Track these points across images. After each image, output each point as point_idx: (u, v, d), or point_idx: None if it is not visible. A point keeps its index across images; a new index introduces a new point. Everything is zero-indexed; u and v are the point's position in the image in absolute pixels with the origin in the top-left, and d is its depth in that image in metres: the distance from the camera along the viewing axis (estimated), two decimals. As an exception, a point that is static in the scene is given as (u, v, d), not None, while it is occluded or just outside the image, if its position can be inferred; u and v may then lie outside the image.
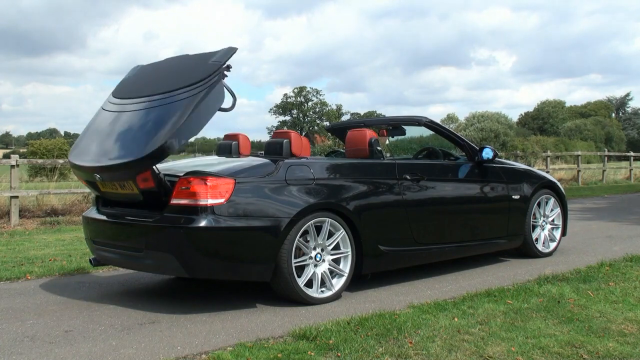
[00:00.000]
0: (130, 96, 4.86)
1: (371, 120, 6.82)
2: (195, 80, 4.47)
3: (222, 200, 4.27)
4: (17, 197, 10.12)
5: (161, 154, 4.23)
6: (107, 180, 4.60)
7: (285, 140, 5.01)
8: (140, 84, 5.01)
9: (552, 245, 6.60)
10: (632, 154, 24.67)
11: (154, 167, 4.35)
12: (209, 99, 4.38)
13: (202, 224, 4.21)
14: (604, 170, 22.33)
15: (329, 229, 4.71)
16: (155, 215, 4.44)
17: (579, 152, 22.62)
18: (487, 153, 5.91)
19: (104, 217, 4.90)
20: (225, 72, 4.58)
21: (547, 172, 18.08)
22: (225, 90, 4.63)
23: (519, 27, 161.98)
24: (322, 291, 4.67)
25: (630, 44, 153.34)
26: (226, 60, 4.59)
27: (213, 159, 5.44)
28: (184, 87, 4.48)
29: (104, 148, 4.62)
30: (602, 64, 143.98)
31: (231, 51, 4.67)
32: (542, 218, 6.52)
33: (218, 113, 4.91)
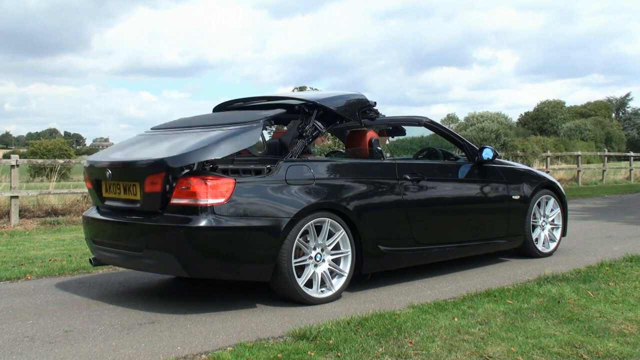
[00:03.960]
0: (168, 127, 5.31)
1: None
2: (234, 122, 4.77)
3: (222, 200, 4.27)
4: (17, 197, 10.11)
5: (185, 159, 4.30)
6: (116, 179, 4.66)
7: (285, 140, 5.01)
8: (182, 123, 5.36)
9: (552, 245, 6.60)
10: (632, 154, 24.66)
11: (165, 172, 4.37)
12: (242, 136, 4.54)
13: (202, 223, 4.21)
14: (603, 171, 22.31)
15: (329, 229, 4.71)
16: (155, 215, 4.45)
17: (579, 152, 22.60)
18: (487, 153, 5.91)
19: (104, 217, 4.91)
20: (267, 127, 4.87)
21: (547, 172, 18.07)
22: (260, 138, 4.89)
23: (523, 28, 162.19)
24: (322, 291, 4.67)
25: (632, 44, 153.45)
26: (272, 116, 4.86)
27: None
28: (222, 124, 4.80)
29: (127, 153, 4.89)
30: (604, 64, 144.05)
31: (279, 112, 5.01)
32: (542, 218, 6.52)
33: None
